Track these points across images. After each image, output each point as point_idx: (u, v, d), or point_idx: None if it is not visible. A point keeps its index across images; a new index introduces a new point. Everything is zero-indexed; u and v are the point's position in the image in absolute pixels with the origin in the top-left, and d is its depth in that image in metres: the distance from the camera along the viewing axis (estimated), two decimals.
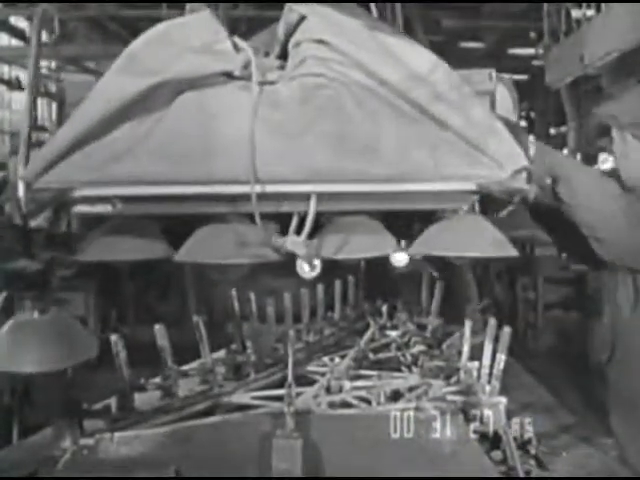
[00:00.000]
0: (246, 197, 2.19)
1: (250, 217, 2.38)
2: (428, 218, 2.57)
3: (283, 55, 2.32)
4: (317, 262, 2.40)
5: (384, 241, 2.62)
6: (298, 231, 2.33)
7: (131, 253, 2.54)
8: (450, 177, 2.16)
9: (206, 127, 2.12)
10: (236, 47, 2.19)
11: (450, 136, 2.10)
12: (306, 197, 2.25)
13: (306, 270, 2.38)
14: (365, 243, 2.57)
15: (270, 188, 2.14)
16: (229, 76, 2.15)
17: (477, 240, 2.31)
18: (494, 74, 2.62)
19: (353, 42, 2.15)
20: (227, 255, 2.42)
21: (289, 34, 2.30)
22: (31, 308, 2.24)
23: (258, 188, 2.11)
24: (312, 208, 2.24)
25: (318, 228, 2.41)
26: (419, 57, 2.16)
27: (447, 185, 2.22)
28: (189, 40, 2.16)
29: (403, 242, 2.66)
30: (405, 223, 2.72)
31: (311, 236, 2.34)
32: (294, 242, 2.28)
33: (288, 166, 2.13)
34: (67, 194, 2.16)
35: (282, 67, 2.25)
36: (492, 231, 2.48)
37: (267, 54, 2.33)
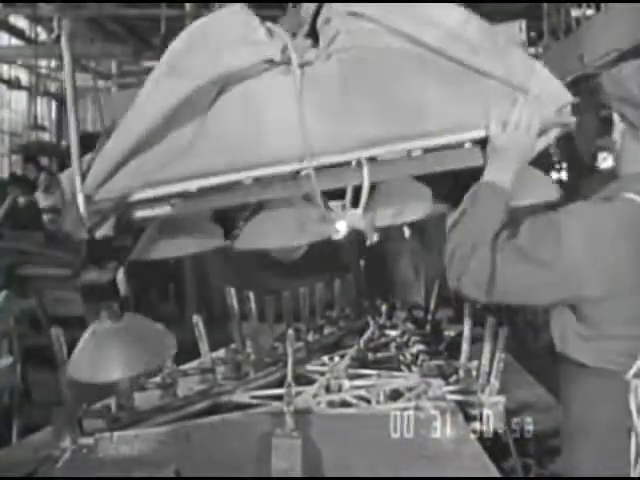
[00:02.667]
0: (298, 180, 2.24)
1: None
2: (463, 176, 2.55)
3: (311, 34, 2.36)
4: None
5: (437, 204, 2.63)
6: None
7: (190, 247, 2.57)
8: None
9: (255, 116, 2.17)
10: (270, 33, 2.22)
11: (494, 83, 2.14)
12: (358, 170, 2.27)
13: (339, 230, 2.41)
14: (416, 207, 2.58)
15: (325, 160, 2.18)
16: (269, 63, 2.20)
17: (529, 188, 2.29)
18: (524, 25, 2.63)
19: (382, 9, 2.18)
20: (287, 237, 2.45)
21: (316, 12, 2.33)
22: (107, 317, 2.27)
23: (315, 162, 2.15)
24: (366, 177, 2.26)
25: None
26: (450, 13, 2.18)
27: None
28: (225, 35, 2.19)
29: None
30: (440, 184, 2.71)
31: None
32: (353, 215, 2.32)
33: (339, 140, 2.17)
34: (127, 201, 2.20)
35: (314, 46, 2.28)
36: (537, 174, 2.45)
37: (294, 36, 2.37)
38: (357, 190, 2.31)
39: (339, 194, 2.39)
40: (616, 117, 1.89)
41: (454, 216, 1.95)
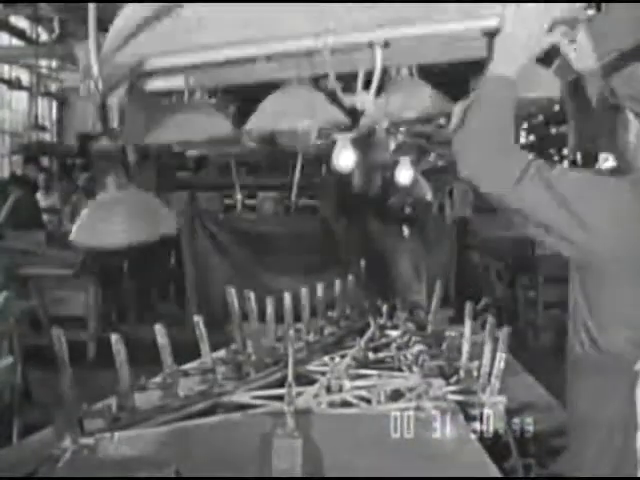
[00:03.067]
0: (312, 59, 2.27)
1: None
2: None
3: None
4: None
5: (441, 102, 2.65)
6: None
7: (198, 134, 2.59)
8: None
9: None
10: None
11: None
12: (370, 53, 2.29)
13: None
14: (426, 104, 2.59)
15: (339, 39, 2.21)
16: None
17: (534, 82, 2.29)
18: None
19: None
20: (297, 119, 2.46)
21: None
22: (113, 185, 2.28)
23: (330, 39, 2.17)
24: (379, 61, 2.27)
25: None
26: None
27: None
28: None
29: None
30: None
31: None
32: (363, 98, 2.33)
33: (354, 19, 2.19)
34: (142, 68, 2.21)
35: None
36: (540, 70, 2.45)
37: None
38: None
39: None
40: (631, 116, 1.92)
41: (464, 104, 1.96)
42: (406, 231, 7.13)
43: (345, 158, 2.45)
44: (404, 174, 5.92)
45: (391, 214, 7.16)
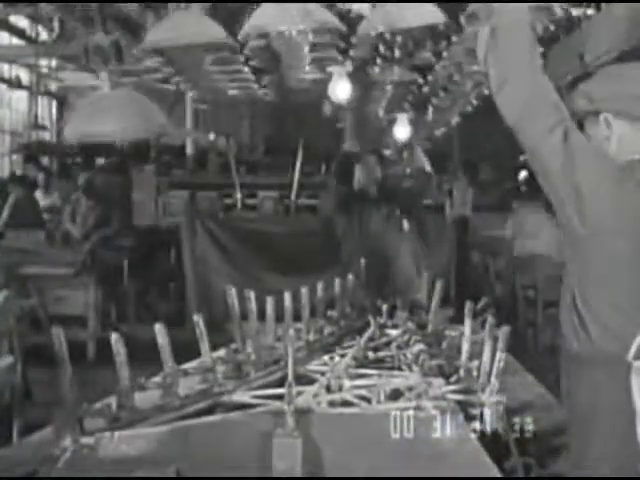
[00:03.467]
0: None
1: None
2: None
3: None
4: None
5: (436, 14, 2.69)
6: None
7: (197, 37, 2.67)
8: None
9: None
10: None
11: None
12: None
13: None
14: (420, 15, 2.64)
15: None
16: None
17: None
18: None
19: None
20: (293, 22, 2.53)
21: None
22: (106, 82, 2.33)
23: None
24: None
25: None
26: None
27: None
28: None
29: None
30: None
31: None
32: (359, 7, 2.41)
33: None
34: None
35: None
36: None
37: None
38: None
39: None
40: (610, 117, 1.94)
41: (486, 35, 1.99)
42: (405, 225, 7.15)
43: (341, 89, 2.55)
44: (402, 131, 5.98)
45: (390, 188, 7.20)
